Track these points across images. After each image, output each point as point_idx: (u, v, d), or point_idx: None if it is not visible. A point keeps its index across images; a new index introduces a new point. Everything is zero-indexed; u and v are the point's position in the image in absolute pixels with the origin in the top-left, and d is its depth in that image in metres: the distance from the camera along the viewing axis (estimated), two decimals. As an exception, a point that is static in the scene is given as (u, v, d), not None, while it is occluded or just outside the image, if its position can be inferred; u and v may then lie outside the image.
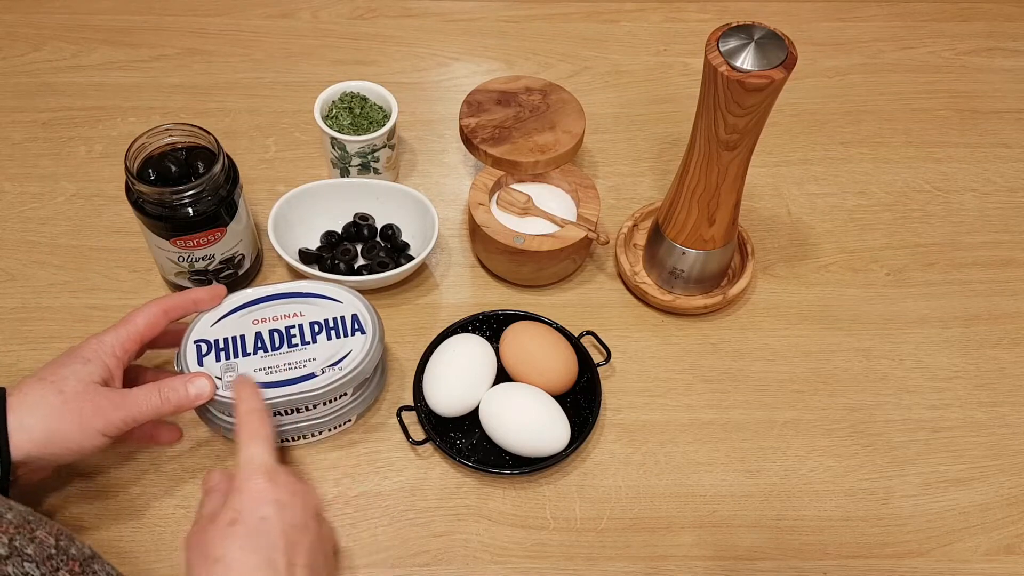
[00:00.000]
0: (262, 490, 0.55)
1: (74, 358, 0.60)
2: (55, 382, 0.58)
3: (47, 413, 0.57)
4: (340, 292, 0.69)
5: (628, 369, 0.75)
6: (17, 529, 0.50)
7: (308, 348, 0.66)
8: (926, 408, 0.74)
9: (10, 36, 0.98)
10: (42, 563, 0.49)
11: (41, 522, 0.52)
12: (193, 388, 0.61)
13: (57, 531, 0.52)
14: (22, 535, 0.49)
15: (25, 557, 0.49)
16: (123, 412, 0.59)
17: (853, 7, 1.07)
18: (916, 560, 0.67)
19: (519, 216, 0.78)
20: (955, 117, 0.96)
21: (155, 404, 0.60)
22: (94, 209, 0.83)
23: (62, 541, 0.52)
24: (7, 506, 0.51)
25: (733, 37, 0.61)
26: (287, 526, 0.55)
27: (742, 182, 0.70)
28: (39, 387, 0.58)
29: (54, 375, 0.59)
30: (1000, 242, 0.86)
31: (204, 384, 0.62)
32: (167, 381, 0.61)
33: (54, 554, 0.50)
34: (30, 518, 0.51)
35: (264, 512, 0.54)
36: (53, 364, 0.60)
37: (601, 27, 1.04)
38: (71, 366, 0.59)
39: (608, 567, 0.65)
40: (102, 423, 0.58)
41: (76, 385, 0.58)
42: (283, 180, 0.86)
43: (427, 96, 0.95)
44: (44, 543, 0.50)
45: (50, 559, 0.50)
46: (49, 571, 0.49)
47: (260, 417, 0.60)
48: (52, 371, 0.59)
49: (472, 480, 0.69)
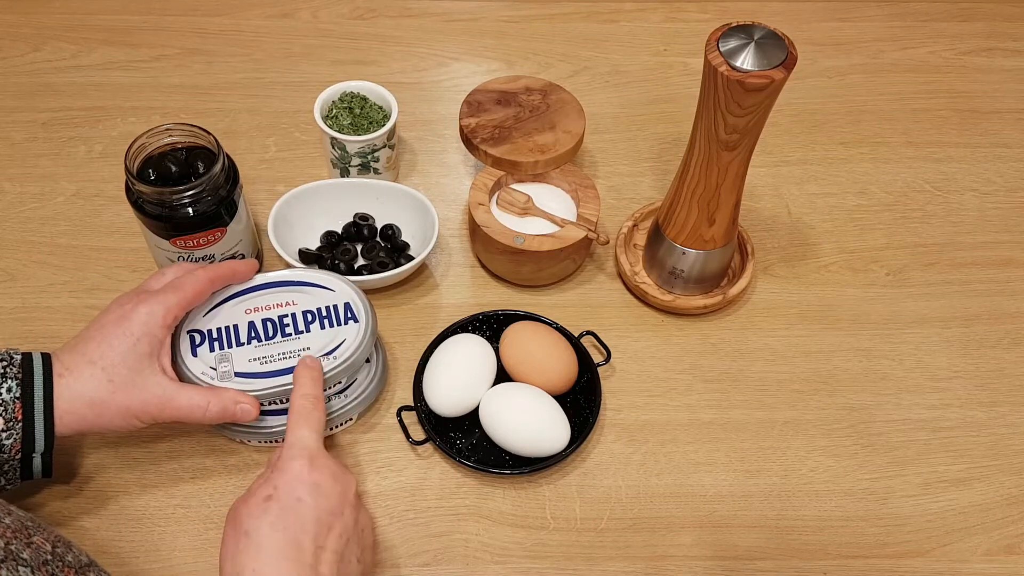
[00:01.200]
0: (301, 471, 0.55)
1: (124, 334, 0.59)
2: (105, 368, 0.58)
3: (95, 399, 0.58)
4: (332, 280, 0.69)
5: (628, 369, 0.75)
6: (14, 534, 0.50)
7: (302, 337, 0.66)
8: (926, 408, 0.74)
9: (10, 36, 0.98)
10: (37, 568, 0.49)
11: (39, 528, 0.52)
12: (240, 410, 0.62)
13: (55, 538, 0.52)
14: (19, 540, 0.50)
15: (20, 561, 0.49)
16: (168, 413, 0.60)
17: (853, 7, 1.07)
18: (916, 560, 0.67)
19: (519, 216, 0.78)
20: (955, 117, 0.96)
21: (199, 415, 0.61)
22: (94, 209, 0.83)
23: (59, 548, 0.52)
24: (6, 511, 0.51)
25: (733, 37, 0.61)
26: (321, 510, 0.54)
27: (742, 182, 0.70)
28: (88, 371, 0.58)
29: (104, 357, 0.58)
30: (1000, 242, 0.86)
31: (250, 410, 0.62)
32: (218, 394, 0.61)
33: (50, 560, 0.50)
34: (28, 524, 0.52)
35: (300, 493, 0.54)
36: (101, 339, 0.59)
37: (601, 27, 1.04)
38: (120, 346, 0.59)
39: (608, 567, 0.65)
40: (146, 417, 0.60)
41: (126, 374, 0.59)
42: (283, 180, 0.86)
43: (427, 96, 0.95)
44: (40, 549, 0.50)
45: (45, 564, 0.50)
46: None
47: (314, 403, 0.60)
48: (101, 351, 0.59)
49: (472, 480, 0.69)
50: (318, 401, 0.60)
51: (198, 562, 0.64)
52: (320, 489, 0.55)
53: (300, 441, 0.57)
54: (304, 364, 0.63)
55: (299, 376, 0.62)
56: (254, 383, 0.63)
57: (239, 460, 0.69)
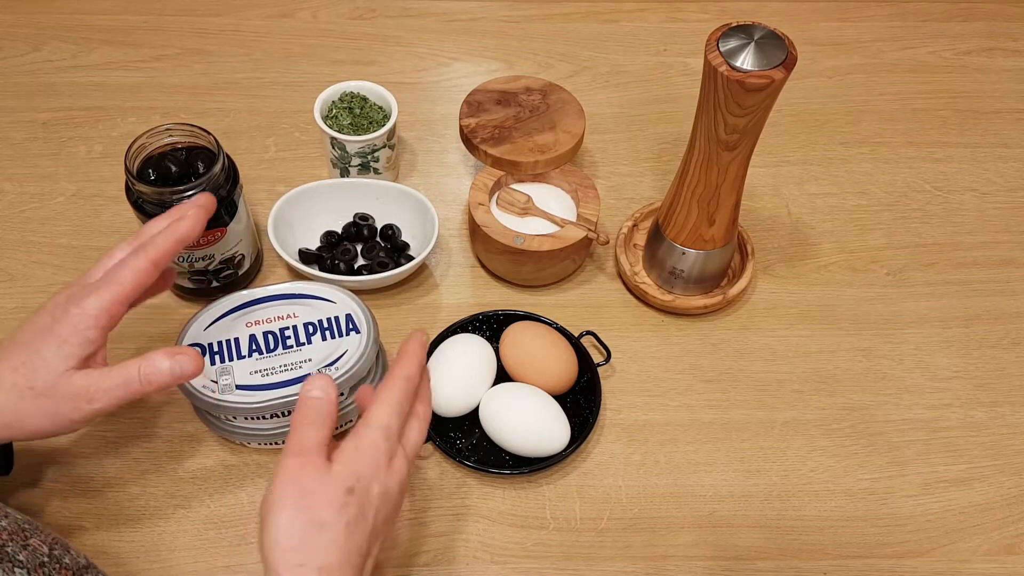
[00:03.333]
0: (380, 464, 0.52)
1: (50, 336, 0.54)
2: (26, 373, 0.53)
3: (16, 406, 0.54)
4: (333, 292, 0.69)
5: (628, 369, 0.75)
6: (10, 536, 0.49)
7: (303, 349, 0.66)
8: (926, 408, 0.74)
9: (10, 36, 0.98)
10: (33, 570, 0.49)
11: (37, 531, 0.52)
12: (176, 362, 0.55)
13: (52, 540, 0.52)
14: (15, 541, 0.49)
15: (16, 563, 0.48)
16: (98, 404, 0.54)
17: (853, 7, 1.07)
18: (916, 560, 0.67)
19: (519, 216, 0.78)
20: (955, 117, 0.96)
21: (134, 389, 0.55)
22: (94, 209, 0.83)
23: (56, 550, 0.52)
24: (3, 513, 0.51)
25: (733, 37, 0.61)
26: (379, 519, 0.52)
27: (742, 182, 0.70)
28: (9, 375, 0.54)
29: (26, 363, 0.54)
30: (1000, 242, 0.86)
31: (187, 362, 0.55)
32: (147, 358, 0.55)
33: (47, 562, 0.50)
34: (25, 526, 0.51)
35: (373, 493, 0.51)
36: (26, 342, 0.54)
37: (601, 27, 1.04)
38: (45, 350, 0.54)
39: (608, 567, 0.65)
40: (76, 415, 0.55)
41: (49, 377, 0.54)
42: (283, 180, 0.86)
43: (427, 96, 0.95)
44: (37, 551, 0.50)
45: (42, 566, 0.49)
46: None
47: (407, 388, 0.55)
48: (24, 355, 0.54)
49: (472, 480, 0.69)
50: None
51: (198, 562, 0.64)
52: (387, 495, 0.52)
53: (376, 421, 0.53)
54: (415, 341, 0.58)
55: (404, 354, 0.57)
56: (256, 395, 0.63)
57: (239, 461, 0.69)
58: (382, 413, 0.54)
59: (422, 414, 0.57)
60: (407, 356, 0.57)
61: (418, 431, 0.56)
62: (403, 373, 0.56)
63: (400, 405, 0.55)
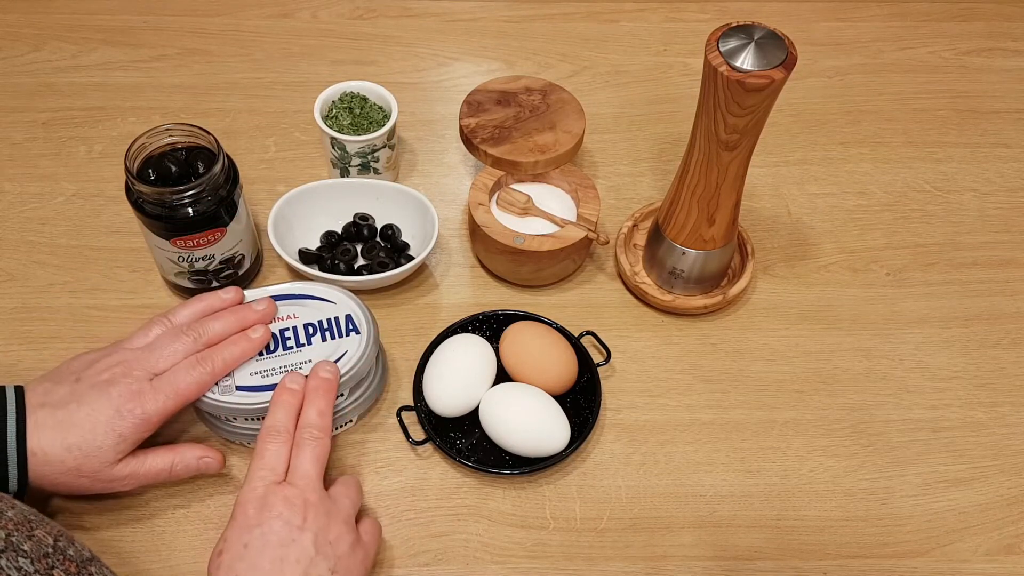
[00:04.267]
0: (247, 517, 0.57)
1: (110, 431, 0.59)
2: (79, 458, 0.58)
3: (57, 479, 0.59)
4: (333, 293, 0.69)
5: (628, 369, 0.75)
6: (16, 526, 0.50)
7: (304, 350, 0.66)
8: (926, 408, 0.74)
9: (10, 36, 0.98)
10: (37, 560, 0.49)
11: (42, 522, 0.52)
12: (203, 464, 0.64)
13: (57, 532, 0.53)
14: (20, 532, 0.50)
15: (20, 553, 0.49)
16: (132, 484, 0.62)
17: (853, 7, 1.07)
18: (916, 560, 0.67)
19: (519, 216, 0.78)
20: (955, 117, 0.96)
21: (162, 480, 0.63)
22: (94, 209, 0.83)
23: (60, 542, 0.52)
24: (9, 504, 0.52)
25: (733, 37, 0.61)
26: (269, 548, 0.56)
27: (742, 182, 0.70)
28: (62, 455, 0.58)
29: (82, 448, 0.58)
30: (1000, 242, 0.86)
31: (212, 463, 0.64)
32: (180, 452, 0.63)
33: (51, 553, 0.51)
34: (31, 517, 0.52)
35: (245, 539, 0.56)
36: (86, 426, 0.59)
37: (601, 27, 1.04)
38: (103, 441, 0.59)
39: (608, 567, 0.65)
40: (102, 490, 0.61)
41: (99, 468, 0.59)
42: (283, 180, 0.86)
43: (427, 96, 0.95)
44: (42, 542, 0.51)
45: (46, 557, 0.50)
46: (44, 568, 0.50)
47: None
48: (80, 439, 0.58)
49: (472, 480, 0.69)
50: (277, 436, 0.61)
51: (198, 562, 0.64)
52: (264, 528, 0.56)
53: (252, 477, 0.59)
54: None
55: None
56: (256, 396, 0.63)
57: (239, 460, 0.69)
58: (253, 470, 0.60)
59: None
60: None
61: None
62: None
63: None
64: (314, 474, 0.59)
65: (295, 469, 0.59)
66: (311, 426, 0.61)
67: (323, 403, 0.62)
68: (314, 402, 0.62)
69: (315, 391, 0.63)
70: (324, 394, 0.63)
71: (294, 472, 0.59)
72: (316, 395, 0.63)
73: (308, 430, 0.61)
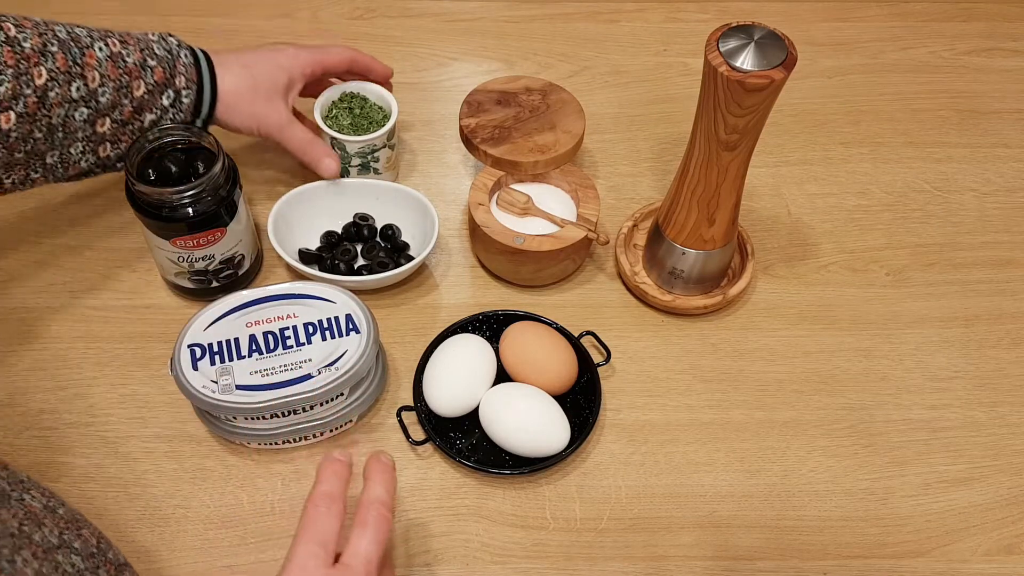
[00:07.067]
0: None
1: (273, 59, 0.74)
2: (254, 75, 0.73)
3: (239, 92, 0.72)
4: (333, 292, 0.69)
5: (628, 369, 0.75)
6: (67, 524, 0.52)
7: (303, 349, 0.66)
8: (926, 408, 0.74)
9: (10, 36, 0.97)
10: (86, 558, 0.51)
11: (86, 523, 0.54)
12: (325, 164, 0.77)
13: (99, 534, 0.54)
14: (71, 530, 0.52)
15: (72, 550, 0.50)
16: (281, 137, 0.75)
17: (853, 7, 1.07)
18: (916, 560, 0.67)
19: (519, 216, 0.78)
20: (955, 117, 0.96)
21: (299, 152, 0.76)
22: (94, 209, 0.83)
23: (102, 544, 0.54)
24: (60, 502, 0.53)
25: (733, 37, 0.61)
26: None
27: (742, 182, 0.70)
28: (240, 71, 0.72)
29: (255, 66, 0.73)
30: (1000, 242, 0.86)
31: (332, 166, 0.77)
32: (316, 143, 0.76)
33: (95, 553, 0.52)
34: (78, 517, 0.54)
35: None
36: (255, 56, 0.74)
37: (601, 27, 1.04)
38: (268, 65, 0.74)
39: (608, 567, 0.65)
40: (265, 130, 0.74)
41: (267, 86, 0.73)
42: (283, 180, 0.86)
43: (427, 96, 0.95)
44: (88, 542, 0.52)
45: (92, 556, 0.51)
46: (90, 568, 0.51)
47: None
48: (254, 61, 0.73)
49: (472, 480, 0.69)
50: (332, 503, 0.53)
51: (198, 562, 0.64)
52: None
53: (299, 553, 0.50)
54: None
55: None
56: (256, 395, 0.63)
57: (239, 461, 0.69)
58: None
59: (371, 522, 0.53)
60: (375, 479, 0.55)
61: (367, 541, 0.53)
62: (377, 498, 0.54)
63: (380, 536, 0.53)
64: (376, 559, 0.51)
65: (356, 550, 0.51)
66: (379, 503, 0.53)
67: (391, 482, 0.55)
68: (381, 480, 0.54)
69: (382, 470, 0.55)
70: (391, 474, 0.55)
71: (355, 554, 0.51)
72: (383, 473, 0.55)
73: (376, 507, 0.53)
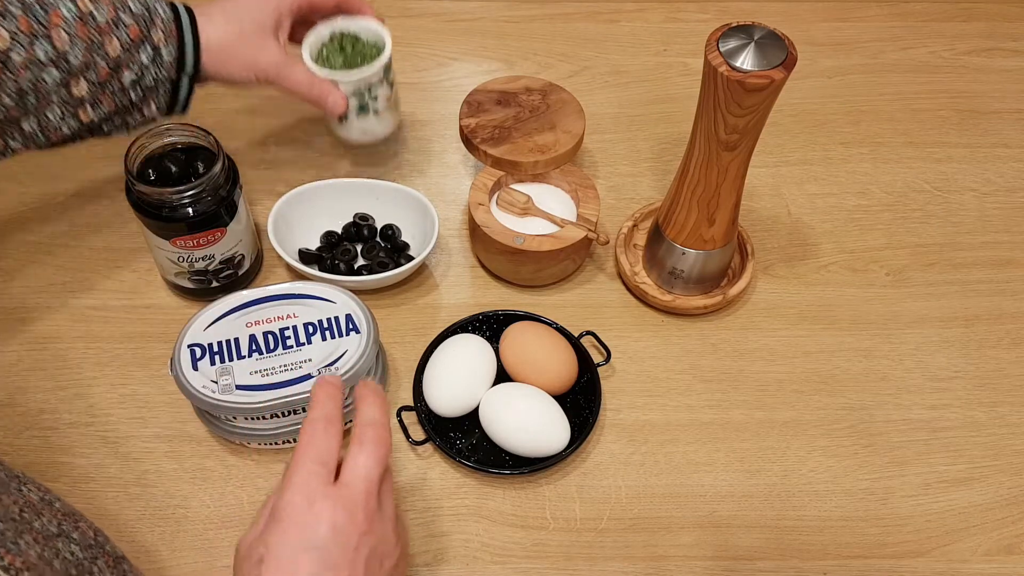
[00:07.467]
0: (298, 518, 0.49)
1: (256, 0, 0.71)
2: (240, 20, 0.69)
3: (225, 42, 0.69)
4: (333, 292, 0.69)
5: (628, 369, 0.75)
6: (64, 516, 0.52)
7: (303, 349, 0.66)
8: (926, 408, 0.74)
9: (10, 36, 0.97)
10: (84, 548, 0.51)
11: (83, 518, 0.54)
12: (331, 101, 0.73)
13: (95, 528, 0.55)
14: (68, 523, 0.52)
15: (71, 540, 0.51)
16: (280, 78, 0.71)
17: (853, 7, 1.07)
18: (916, 560, 0.67)
19: (519, 216, 0.78)
20: (955, 117, 0.96)
21: (303, 90, 0.72)
22: (94, 209, 0.83)
23: (100, 537, 0.54)
24: (55, 496, 0.54)
25: (733, 37, 0.61)
26: (326, 561, 0.48)
27: (742, 182, 0.70)
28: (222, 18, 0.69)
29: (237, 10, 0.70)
30: (1000, 242, 0.86)
31: (340, 102, 0.74)
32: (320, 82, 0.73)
33: (93, 545, 0.53)
34: (75, 512, 0.54)
35: (296, 553, 0.48)
36: None
37: (601, 27, 1.04)
38: (251, 5, 0.70)
39: (608, 567, 0.65)
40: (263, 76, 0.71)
41: (253, 29, 0.69)
42: (283, 180, 0.86)
43: (427, 96, 0.95)
44: (85, 534, 0.53)
45: (90, 548, 0.52)
46: (89, 558, 0.51)
47: (325, 426, 0.52)
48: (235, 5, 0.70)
49: (472, 480, 0.69)
50: (329, 424, 0.51)
51: (198, 562, 0.64)
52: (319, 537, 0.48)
53: (298, 471, 0.49)
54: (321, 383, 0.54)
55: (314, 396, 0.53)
56: (256, 395, 0.63)
57: (239, 461, 0.69)
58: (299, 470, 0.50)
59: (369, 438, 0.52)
60: None
61: None
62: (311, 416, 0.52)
63: None
64: (375, 477, 0.50)
65: (354, 469, 0.50)
66: (374, 423, 0.51)
67: (383, 404, 0.53)
68: (373, 402, 0.53)
69: (372, 392, 0.54)
70: (382, 396, 0.54)
71: (353, 472, 0.50)
72: (375, 395, 0.54)
73: (372, 426, 0.51)
